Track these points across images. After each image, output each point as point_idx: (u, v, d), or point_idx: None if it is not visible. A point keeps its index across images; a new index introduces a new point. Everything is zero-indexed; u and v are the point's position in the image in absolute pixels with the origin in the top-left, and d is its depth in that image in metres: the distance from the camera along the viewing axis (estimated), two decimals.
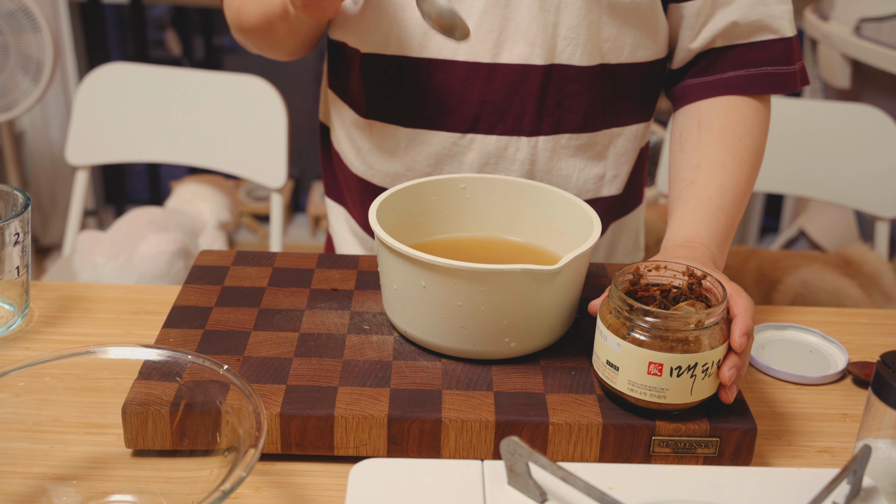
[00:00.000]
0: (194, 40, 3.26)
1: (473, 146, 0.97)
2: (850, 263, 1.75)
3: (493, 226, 0.92)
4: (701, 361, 0.69)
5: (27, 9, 2.07)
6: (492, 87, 0.94)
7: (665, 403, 0.70)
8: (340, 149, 1.08)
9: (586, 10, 0.91)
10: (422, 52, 0.94)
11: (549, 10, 0.91)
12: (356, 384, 0.74)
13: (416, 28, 0.93)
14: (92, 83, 1.83)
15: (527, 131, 0.96)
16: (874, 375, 0.67)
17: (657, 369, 0.69)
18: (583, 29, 0.92)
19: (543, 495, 0.60)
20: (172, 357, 0.70)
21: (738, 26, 0.94)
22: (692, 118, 0.97)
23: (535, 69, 0.93)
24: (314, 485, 0.71)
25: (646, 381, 0.70)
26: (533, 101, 0.95)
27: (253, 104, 1.81)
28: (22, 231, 0.86)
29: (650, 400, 0.70)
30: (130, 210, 2.03)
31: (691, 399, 0.71)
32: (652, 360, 0.69)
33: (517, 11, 0.91)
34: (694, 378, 0.69)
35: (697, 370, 0.69)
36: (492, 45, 0.93)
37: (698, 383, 0.70)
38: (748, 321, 0.72)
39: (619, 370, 0.71)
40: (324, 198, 1.19)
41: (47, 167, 2.79)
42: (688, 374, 0.69)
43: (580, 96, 0.96)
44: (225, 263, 0.93)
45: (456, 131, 0.97)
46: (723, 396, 0.72)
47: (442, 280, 0.73)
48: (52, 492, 0.67)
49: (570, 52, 0.93)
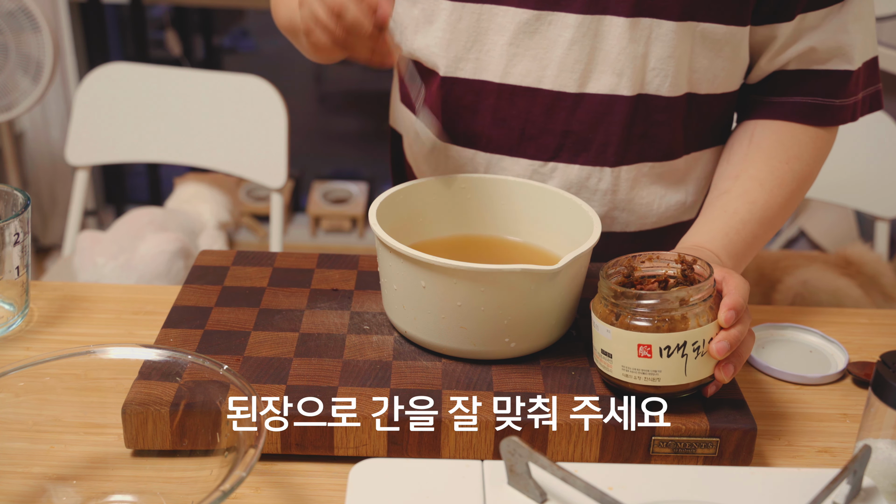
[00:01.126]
0: (194, 40, 3.26)
1: (555, 174, 0.96)
2: (850, 263, 1.75)
3: (493, 226, 0.92)
4: (690, 340, 0.69)
5: (27, 9, 2.07)
6: (576, 117, 0.93)
7: (661, 386, 0.71)
8: (415, 164, 1.07)
9: (678, 41, 0.90)
10: (505, 78, 0.93)
11: (640, 41, 0.90)
12: (356, 384, 0.74)
13: (500, 53, 0.92)
14: (92, 83, 1.83)
15: (610, 161, 0.95)
16: (874, 375, 0.67)
17: (647, 351, 0.69)
18: (673, 60, 0.91)
19: (543, 495, 0.60)
20: (172, 357, 0.70)
21: (815, 51, 0.93)
22: (746, 133, 0.96)
23: (621, 100, 0.92)
24: (314, 485, 0.71)
25: (638, 365, 0.70)
26: (618, 132, 0.94)
27: (253, 104, 1.80)
28: (22, 231, 0.86)
29: (646, 384, 0.71)
30: (130, 210, 2.03)
31: (687, 380, 0.71)
32: (640, 343, 0.69)
33: (606, 42, 0.90)
34: (686, 357, 0.70)
35: (688, 349, 0.69)
36: (579, 76, 0.91)
37: (691, 363, 0.70)
38: (737, 298, 0.72)
39: (612, 357, 0.72)
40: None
41: (47, 167, 2.79)
42: (678, 353, 0.69)
43: (665, 126, 0.95)
44: (225, 263, 0.93)
45: (537, 159, 0.96)
46: (717, 375, 0.72)
47: (442, 280, 0.73)
48: (52, 492, 0.67)
49: (658, 83, 0.92)
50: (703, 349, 0.70)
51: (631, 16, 0.89)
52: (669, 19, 0.89)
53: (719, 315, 0.71)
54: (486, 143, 0.97)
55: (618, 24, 0.89)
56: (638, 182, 0.97)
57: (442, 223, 0.91)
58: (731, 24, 0.91)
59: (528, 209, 0.90)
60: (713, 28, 0.90)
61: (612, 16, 0.89)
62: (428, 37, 0.95)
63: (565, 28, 0.90)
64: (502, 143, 0.96)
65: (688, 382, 0.71)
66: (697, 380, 0.71)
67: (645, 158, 0.96)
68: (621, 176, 0.96)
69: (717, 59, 0.93)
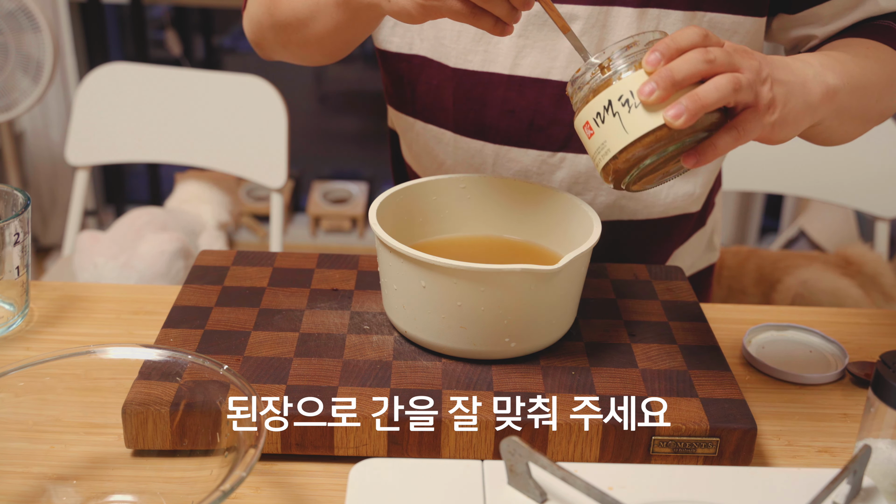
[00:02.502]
0: (194, 40, 3.26)
1: (563, 165, 0.96)
2: (850, 263, 1.75)
3: (493, 226, 0.92)
4: (614, 97, 0.65)
5: (27, 9, 2.07)
6: None
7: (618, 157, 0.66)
8: (415, 161, 1.07)
9: None
10: (514, 70, 0.93)
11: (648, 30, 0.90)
12: (356, 384, 0.74)
13: (509, 45, 0.93)
14: (92, 83, 1.83)
15: None
16: (874, 375, 0.67)
17: (589, 129, 0.68)
18: None
19: (543, 495, 0.60)
20: (172, 357, 0.70)
21: (865, 22, 0.90)
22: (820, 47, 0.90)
23: None
24: (314, 485, 0.71)
25: (592, 146, 0.68)
26: None
27: (253, 104, 1.80)
28: (22, 231, 0.86)
29: (607, 162, 0.67)
30: (130, 210, 2.03)
31: (631, 136, 0.65)
32: (582, 124, 0.68)
33: (614, 32, 0.90)
34: (618, 116, 0.65)
35: (616, 107, 0.65)
36: None
37: (627, 118, 0.65)
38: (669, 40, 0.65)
39: (591, 156, 0.70)
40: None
41: (47, 167, 2.79)
42: (609, 114, 0.65)
43: None
44: (225, 263, 0.93)
45: (546, 150, 0.96)
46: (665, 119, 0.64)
47: (442, 280, 0.73)
48: (52, 492, 0.67)
49: None
50: (635, 101, 0.65)
51: (639, 6, 0.89)
52: (677, 9, 0.89)
53: (643, 59, 0.65)
54: (494, 134, 0.97)
55: (626, 15, 0.89)
56: None
57: (442, 223, 0.91)
58: (740, 14, 0.90)
59: (528, 209, 0.90)
60: (721, 18, 0.90)
61: (620, 6, 0.89)
62: (437, 28, 0.96)
63: (573, 19, 0.90)
64: (511, 135, 0.96)
65: (635, 138, 0.65)
66: (644, 132, 0.65)
67: None
68: None
69: None
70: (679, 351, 0.80)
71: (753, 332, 0.92)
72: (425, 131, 1.02)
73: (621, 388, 0.75)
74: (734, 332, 0.93)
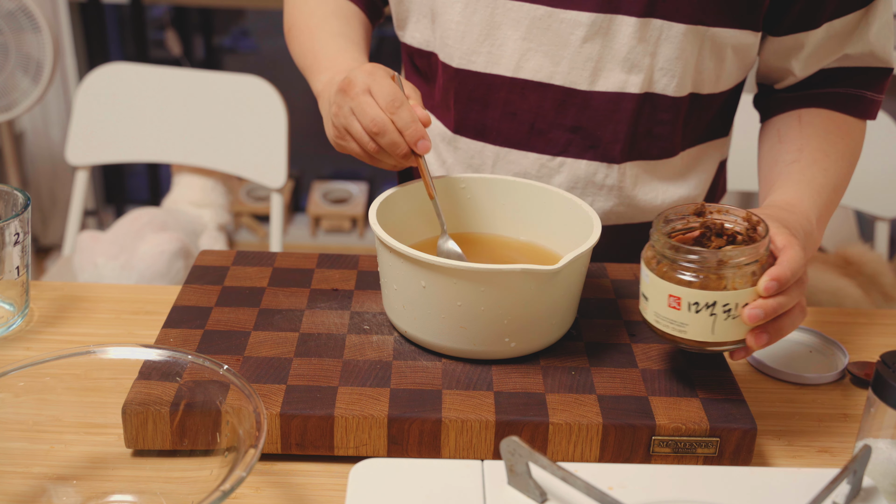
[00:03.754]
0: (194, 40, 3.26)
1: (563, 170, 0.97)
2: (850, 263, 1.75)
3: (493, 226, 0.92)
4: (721, 301, 0.69)
5: (27, 9, 2.07)
6: (586, 113, 0.94)
7: (687, 339, 0.71)
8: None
9: (686, 43, 0.91)
10: (517, 73, 0.94)
11: (649, 41, 0.90)
12: (356, 384, 0.74)
13: (513, 48, 0.93)
14: (92, 83, 1.83)
15: (617, 158, 0.96)
16: (874, 375, 0.67)
17: (676, 303, 0.70)
18: (681, 62, 0.92)
19: (543, 495, 0.60)
20: (172, 357, 0.70)
21: (849, 58, 0.94)
22: (792, 118, 0.96)
23: (629, 97, 0.93)
24: (314, 485, 0.71)
25: (668, 314, 0.71)
26: (624, 129, 0.94)
27: (253, 104, 1.81)
28: (22, 231, 0.86)
29: (672, 333, 0.71)
30: (130, 210, 2.03)
31: (714, 339, 0.70)
32: (671, 293, 0.70)
33: (616, 40, 0.91)
34: (714, 317, 0.69)
35: (717, 309, 0.69)
36: (589, 73, 0.92)
37: (720, 323, 0.70)
38: (784, 269, 0.69)
39: (648, 301, 0.72)
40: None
41: (47, 167, 2.79)
42: (707, 311, 0.69)
43: (668, 125, 0.96)
44: (225, 263, 0.93)
45: (546, 153, 0.97)
46: (748, 341, 0.71)
47: (442, 280, 0.73)
48: (52, 492, 0.67)
49: (665, 83, 0.93)
50: (736, 313, 0.69)
51: (642, 16, 0.89)
52: (680, 22, 0.90)
53: (759, 282, 0.69)
54: (495, 136, 0.98)
55: (629, 24, 0.90)
56: (641, 178, 0.98)
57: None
58: (741, 29, 0.91)
59: (528, 209, 0.90)
60: (723, 33, 0.91)
61: (624, 15, 0.90)
62: (442, 28, 0.96)
63: (578, 25, 0.90)
64: (511, 137, 0.97)
65: (715, 341, 0.71)
66: (725, 341, 0.71)
67: (646, 156, 0.97)
68: (626, 172, 0.97)
69: (723, 62, 0.94)
70: (679, 351, 0.80)
71: None
72: (434, 127, 1.03)
73: (621, 388, 0.75)
74: None
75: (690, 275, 0.69)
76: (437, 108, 1.03)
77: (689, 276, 0.69)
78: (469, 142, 0.99)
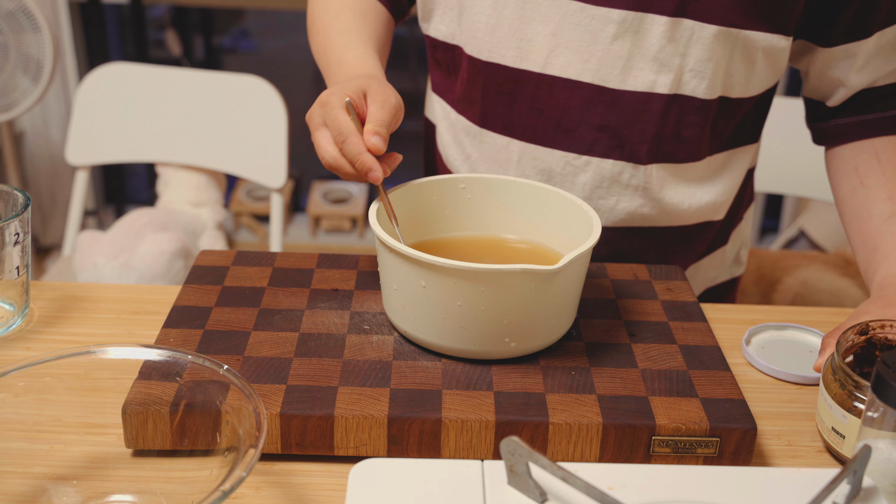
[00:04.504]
0: (194, 40, 3.26)
1: (588, 168, 0.97)
2: (850, 263, 1.75)
3: (493, 226, 0.92)
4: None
5: (27, 9, 2.07)
6: (614, 112, 0.94)
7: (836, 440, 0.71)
8: (444, 153, 1.07)
9: (717, 45, 0.90)
10: (546, 69, 0.94)
11: (680, 40, 0.90)
12: (356, 384, 0.74)
13: (543, 43, 0.93)
14: (92, 83, 1.83)
15: (643, 159, 0.96)
16: (874, 375, 0.67)
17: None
18: (711, 63, 0.91)
19: (543, 495, 0.60)
20: (172, 357, 0.70)
21: None
22: (866, 153, 0.95)
23: (657, 98, 0.93)
24: (314, 485, 0.71)
25: (840, 415, 0.70)
26: (652, 130, 0.94)
27: (253, 104, 1.81)
28: (22, 231, 0.86)
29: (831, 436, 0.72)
30: (130, 210, 2.03)
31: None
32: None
33: (646, 39, 0.91)
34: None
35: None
36: (619, 71, 0.92)
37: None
38: None
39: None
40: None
41: (47, 167, 2.79)
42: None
43: (696, 128, 0.95)
44: (225, 263, 0.93)
45: (572, 152, 0.96)
46: None
47: (442, 280, 0.73)
48: (52, 492, 0.67)
49: (694, 85, 0.93)
50: None
51: (673, 15, 0.89)
52: (711, 23, 0.89)
53: None
54: (521, 131, 0.97)
55: (659, 23, 0.89)
56: (667, 181, 0.98)
57: (442, 223, 0.91)
58: (772, 33, 0.91)
59: (528, 209, 0.90)
60: (754, 36, 0.91)
61: (655, 14, 0.89)
62: (472, 21, 0.96)
63: (608, 23, 0.90)
64: (537, 133, 0.97)
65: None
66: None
67: (672, 159, 0.97)
68: (653, 174, 0.97)
69: (754, 65, 0.94)
70: (679, 351, 0.80)
71: (753, 331, 0.92)
72: (458, 122, 1.03)
73: (621, 388, 0.75)
74: (734, 332, 0.93)
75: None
76: (459, 103, 1.02)
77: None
78: (495, 137, 0.99)
